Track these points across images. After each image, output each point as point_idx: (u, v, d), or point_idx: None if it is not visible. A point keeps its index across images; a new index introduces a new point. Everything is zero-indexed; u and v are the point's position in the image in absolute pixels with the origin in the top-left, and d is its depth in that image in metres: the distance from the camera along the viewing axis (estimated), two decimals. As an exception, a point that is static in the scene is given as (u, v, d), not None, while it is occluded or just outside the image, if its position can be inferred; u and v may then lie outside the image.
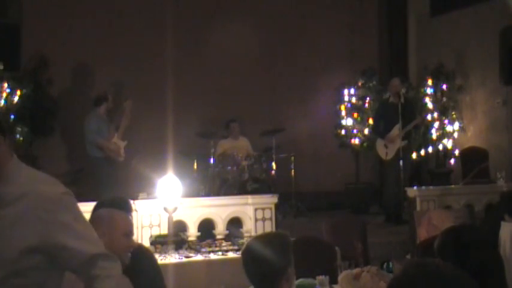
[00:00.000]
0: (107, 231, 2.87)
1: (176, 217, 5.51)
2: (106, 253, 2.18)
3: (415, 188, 7.37)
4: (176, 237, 5.40)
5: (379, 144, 8.71)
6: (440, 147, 10.32)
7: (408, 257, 6.67)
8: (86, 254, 2.11)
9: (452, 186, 8.52)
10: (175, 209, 5.39)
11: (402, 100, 8.49)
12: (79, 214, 2.19)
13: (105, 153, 7.87)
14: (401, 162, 8.30)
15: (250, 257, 2.72)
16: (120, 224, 2.97)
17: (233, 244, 5.53)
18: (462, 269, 1.90)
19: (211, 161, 8.99)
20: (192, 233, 5.85)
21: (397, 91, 8.64)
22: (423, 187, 7.92)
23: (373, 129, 9.28)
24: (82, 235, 2.14)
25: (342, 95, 10.51)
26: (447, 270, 1.80)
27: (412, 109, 8.80)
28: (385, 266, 2.68)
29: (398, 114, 8.30)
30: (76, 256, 2.10)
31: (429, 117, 10.24)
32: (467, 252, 2.54)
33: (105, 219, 2.94)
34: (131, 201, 4.00)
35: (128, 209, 3.70)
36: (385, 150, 8.54)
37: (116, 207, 3.21)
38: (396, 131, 8.43)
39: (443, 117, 10.31)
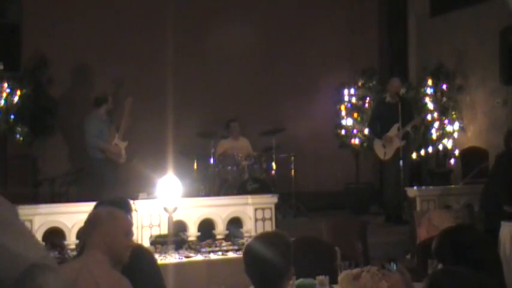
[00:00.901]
0: (108, 231, 2.86)
1: (176, 217, 5.51)
2: (48, 264, 1.76)
3: (415, 188, 7.37)
4: (176, 237, 5.40)
5: (377, 144, 8.70)
6: (440, 147, 10.31)
7: (408, 257, 6.67)
8: (25, 261, 1.70)
9: (452, 186, 8.52)
10: (175, 209, 5.39)
11: (400, 100, 8.48)
12: (16, 214, 1.84)
13: (106, 155, 7.86)
14: (401, 162, 8.30)
15: (252, 258, 2.71)
16: (121, 223, 2.94)
17: (233, 244, 5.53)
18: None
19: (211, 161, 9.00)
20: (192, 233, 5.86)
21: (397, 91, 8.65)
22: (423, 187, 7.92)
23: (370, 129, 9.25)
24: (23, 236, 1.76)
25: (342, 95, 10.51)
26: (473, 277, 1.82)
27: (410, 109, 8.79)
28: (386, 266, 2.66)
29: (397, 114, 8.30)
30: (13, 261, 1.69)
31: (429, 117, 10.23)
32: (465, 253, 2.54)
33: (105, 218, 2.92)
34: (131, 202, 4.01)
35: (128, 209, 3.70)
36: (384, 151, 8.54)
37: (115, 207, 3.20)
38: (395, 130, 8.43)
39: (443, 117, 10.30)
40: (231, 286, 3.50)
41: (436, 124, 10.29)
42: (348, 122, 10.39)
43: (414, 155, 10.04)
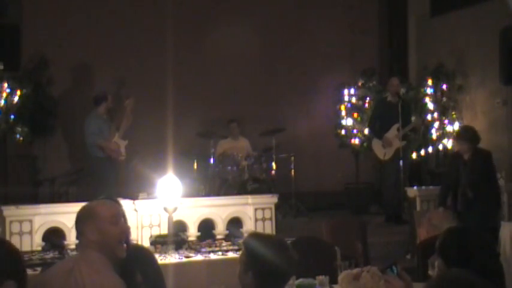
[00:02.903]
0: (92, 225, 2.71)
1: (176, 217, 5.51)
2: None
3: (415, 188, 7.38)
4: (176, 237, 5.41)
5: (377, 144, 8.68)
6: (440, 147, 10.31)
7: (408, 257, 6.68)
8: None
9: (453, 186, 8.51)
10: (175, 209, 5.39)
11: (400, 100, 8.48)
12: None
13: (107, 153, 7.85)
14: (401, 163, 8.30)
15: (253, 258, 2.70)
16: (101, 212, 2.74)
17: (233, 244, 5.53)
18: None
19: (211, 161, 9.00)
20: (192, 233, 5.86)
21: (397, 91, 8.64)
22: (423, 187, 7.92)
23: (369, 128, 9.23)
24: None
25: (342, 95, 10.50)
26: (480, 284, 1.82)
27: (409, 110, 8.80)
28: (388, 270, 2.64)
29: (397, 114, 8.30)
30: None
31: (429, 117, 10.23)
32: (472, 257, 2.52)
33: (85, 214, 2.76)
34: (131, 201, 4.00)
35: None
36: (383, 151, 8.52)
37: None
38: (394, 131, 8.42)
39: (443, 117, 10.30)
40: (231, 286, 3.50)
41: (436, 124, 10.28)
42: (348, 122, 10.38)
43: (414, 155, 10.04)
